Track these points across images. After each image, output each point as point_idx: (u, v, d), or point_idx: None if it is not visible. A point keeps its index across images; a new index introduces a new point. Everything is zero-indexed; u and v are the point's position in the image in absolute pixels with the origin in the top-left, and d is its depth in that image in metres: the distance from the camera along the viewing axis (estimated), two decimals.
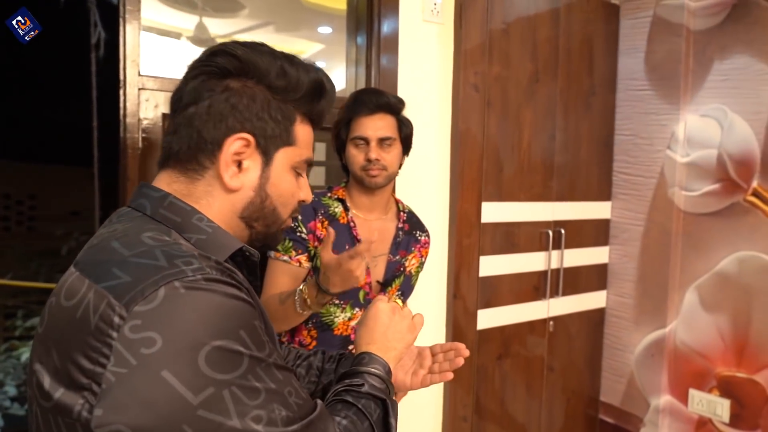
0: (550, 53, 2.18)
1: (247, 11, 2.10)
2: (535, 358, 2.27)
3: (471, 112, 1.99)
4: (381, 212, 1.48)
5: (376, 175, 1.38)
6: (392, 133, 1.40)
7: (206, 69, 0.69)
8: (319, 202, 1.42)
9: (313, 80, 0.74)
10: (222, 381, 0.53)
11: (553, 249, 2.26)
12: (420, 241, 1.53)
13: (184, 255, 0.59)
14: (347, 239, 1.40)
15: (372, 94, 1.42)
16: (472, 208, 2.02)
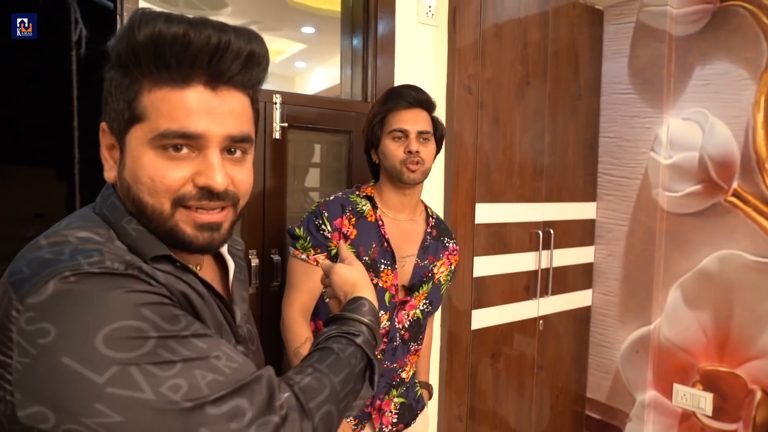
0: (539, 56, 2.22)
1: (230, 9, 2.08)
2: (526, 356, 2.31)
3: (465, 114, 2.01)
4: (410, 213, 1.47)
5: (415, 169, 1.36)
6: (430, 128, 1.41)
7: (104, 62, 0.65)
8: (347, 199, 1.40)
9: (151, 34, 0.58)
10: (126, 359, 0.53)
11: (543, 249, 2.30)
12: (448, 248, 1.52)
13: (89, 249, 0.58)
14: (375, 237, 1.38)
15: (410, 89, 1.42)
16: (466, 209, 2.04)
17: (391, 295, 1.38)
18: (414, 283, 1.42)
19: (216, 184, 0.61)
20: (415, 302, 1.43)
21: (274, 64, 2.49)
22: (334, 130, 1.79)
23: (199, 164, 0.62)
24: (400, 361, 1.43)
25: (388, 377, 1.42)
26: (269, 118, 1.64)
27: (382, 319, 1.37)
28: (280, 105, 1.65)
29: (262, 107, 1.63)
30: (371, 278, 1.32)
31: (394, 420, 1.44)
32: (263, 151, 1.64)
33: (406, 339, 1.43)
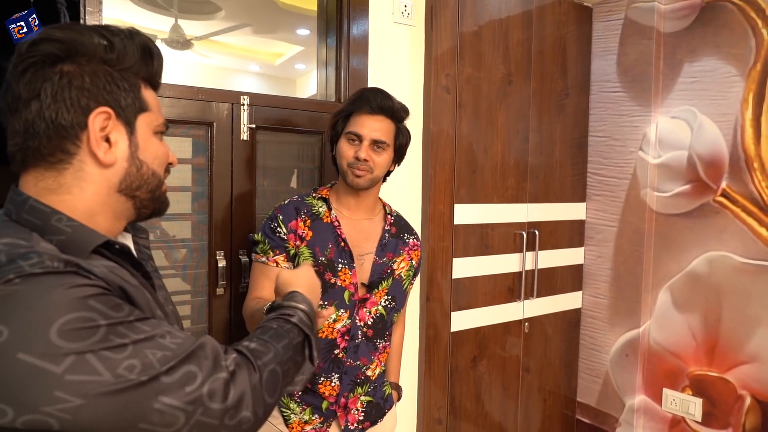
0: (522, 55, 2.19)
1: (223, 13, 2.09)
2: (511, 359, 2.27)
3: (442, 113, 1.99)
4: (367, 213, 1.47)
5: (360, 175, 1.37)
6: (387, 138, 1.38)
7: (33, 60, 0.68)
8: (302, 202, 1.42)
9: (139, 45, 0.75)
10: (82, 348, 0.58)
11: (528, 250, 2.26)
12: (408, 243, 1.52)
13: (25, 252, 0.61)
14: (331, 238, 1.39)
15: (378, 94, 1.40)
16: (444, 209, 2.02)
17: (350, 293, 1.39)
18: (373, 280, 1.43)
19: (175, 161, 0.84)
20: (376, 299, 1.44)
21: (275, 67, 2.50)
22: (305, 131, 1.79)
23: (167, 148, 0.81)
24: (364, 359, 1.43)
25: (351, 375, 1.42)
26: (236, 119, 1.65)
27: (341, 318, 1.38)
28: (247, 106, 1.66)
29: (230, 108, 1.64)
30: (329, 278, 1.35)
31: (360, 417, 1.45)
32: (230, 152, 1.65)
33: (369, 336, 1.43)
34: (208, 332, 1.65)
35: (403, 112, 1.43)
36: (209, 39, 2.17)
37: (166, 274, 1.62)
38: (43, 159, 0.69)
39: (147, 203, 0.78)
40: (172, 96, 1.55)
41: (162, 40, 1.95)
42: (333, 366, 1.39)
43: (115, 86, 0.72)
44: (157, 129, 0.78)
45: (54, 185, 0.70)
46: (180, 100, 1.57)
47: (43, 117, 0.68)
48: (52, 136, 0.68)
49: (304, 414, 1.39)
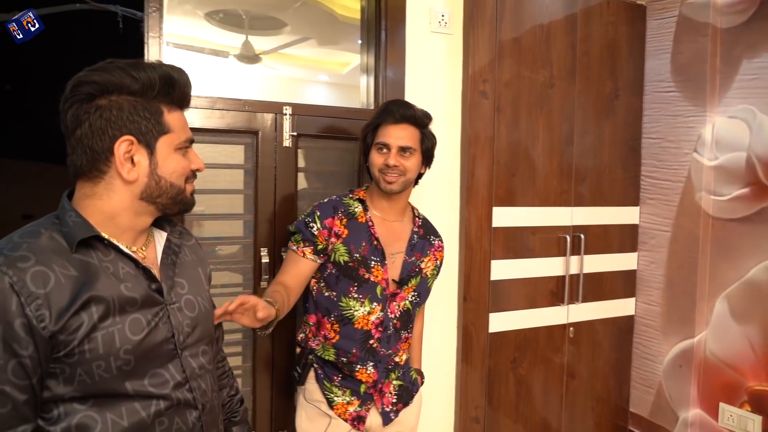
0: (566, 58, 2.18)
1: (289, 28, 2.26)
2: (555, 363, 2.26)
3: (480, 118, 2.03)
4: (398, 215, 1.59)
5: (392, 181, 1.49)
6: (413, 144, 1.51)
7: (76, 98, 0.87)
8: (340, 201, 1.55)
9: (161, 75, 0.90)
10: None
11: (573, 254, 2.24)
12: (434, 245, 1.64)
13: (4, 251, 0.82)
14: (365, 236, 1.52)
15: (400, 106, 1.53)
16: (482, 212, 2.06)
17: (382, 288, 1.51)
18: (403, 277, 1.55)
19: (202, 167, 1.00)
20: (405, 294, 1.56)
21: (342, 75, 2.67)
22: (343, 137, 1.91)
23: (192, 158, 0.98)
24: (393, 348, 1.56)
25: (384, 362, 1.55)
26: (280, 127, 1.80)
27: (375, 310, 1.50)
28: (290, 116, 1.81)
29: (274, 118, 1.80)
30: (363, 273, 1.48)
31: (393, 400, 1.59)
32: (274, 158, 1.80)
33: (398, 327, 1.56)
34: None
35: (426, 118, 1.55)
36: (277, 52, 2.35)
37: (221, 268, 1.80)
38: (84, 174, 0.89)
39: (169, 206, 0.96)
40: (222, 108, 1.73)
41: (234, 56, 2.14)
42: (368, 355, 1.52)
43: (138, 116, 0.89)
44: (179, 146, 0.94)
45: (90, 192, 0.90)
46: (229, 111, 1.74)
47: (82, 143, 0.87)
48: (90, 158, 0.88)
49: (345, 396, 1.52)
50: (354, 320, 1.50)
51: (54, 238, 0.85)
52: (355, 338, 1.50)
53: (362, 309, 1.50)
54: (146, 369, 0.90)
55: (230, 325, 1.87)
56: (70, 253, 0.85)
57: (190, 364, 0.98)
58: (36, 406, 0.82)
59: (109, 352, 0.85)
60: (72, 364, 0.83)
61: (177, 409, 0.94)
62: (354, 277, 1.50)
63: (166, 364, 0.93)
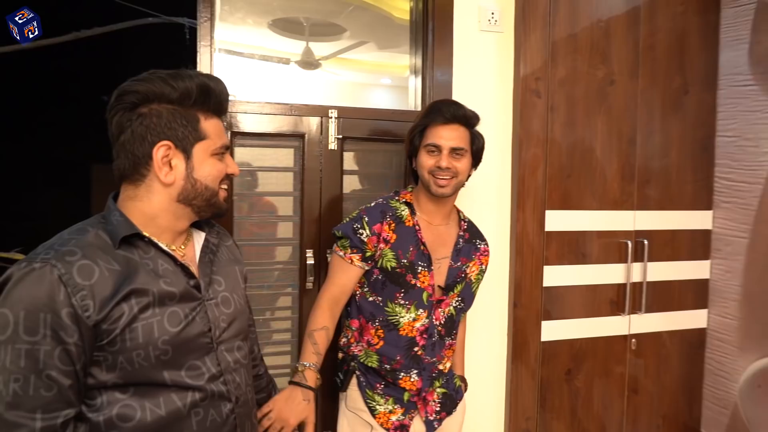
0: (627, 53, 2.05)
1: (348, 33, 2.30)
2: (615, 376, 2.13)
3: (532, 118, 1.96)
4: (444, 219, 1.55)
5: (444, 184, 1.45)
6: (464, 145, 1.47)
7: (120, 107, 0.93)
8: (388, 205, 1.51)
9: (198, 85, 0.96)
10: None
11: (635, 261, 2.10)
12: (480, 249, 1.60)
13: (50, 245, 0.89)
14: (412, 241, 1.48)
15: (450, 105, 1.49)
16: (534, 216, 1.98)
17: (428, 294, 1.48)
18: (449, 283, 1.51)
19: (237, 173, 1.06)
20: (450, 300, 1.52)
21: (404, 78, 2.69)
22: (389, 139, 1.91)
23: (228, 163, 1.04)
24: (438, 356, 1.52)
25: (429, 370, 1.51)
26: (325, 130, 1.82)
27: (420, 317, 1.47)
28: (335, 119, 1.82)
29: (320, 121, 1.82)
30: (410, 279, 1.45)
31: (437, 409, 1.54)
32: (320, 160, 1.82)
33: (442, 334, 1.52)
34: (299, 321, 1.84)
35: (475, 118, 1.51)
36: (337, 57, 2.39)
37: (273, 268, 1.85)
38: (127, 177, 0.96)
39: (204, 208, 1.02)
40: (270, 113, 1.78)
41: (295, 62, 2.19)
42: (412, 363, 1.48)
43: (176, 123, 0.95)
44: (215, 151, 1.00)
45: (132, 194, 0.97)
46: (276, 115, 1.78)
47: (125, 148, 0.94)
48: (132, 163, 0.94)
49: (388, 404, 1.49)
50: (399, 326, 1.47)
51: (100, 235, 0.92)
52: (399, 345, 1.47)
53: (408, 315, 1.47)
54: (183, 360, 0.95)
55: (280, 324, 1.92)
56: (113, 249, 0.91)
57: (226, 358, 1.02)
58: (79, 391, 0.88)
59: (148, 342, 0.90)
60: (114, 352, 0.88)
61: (212, 401, 0.98)
62: (401, 283, 1.46)
63: (202, 357, 0.98)
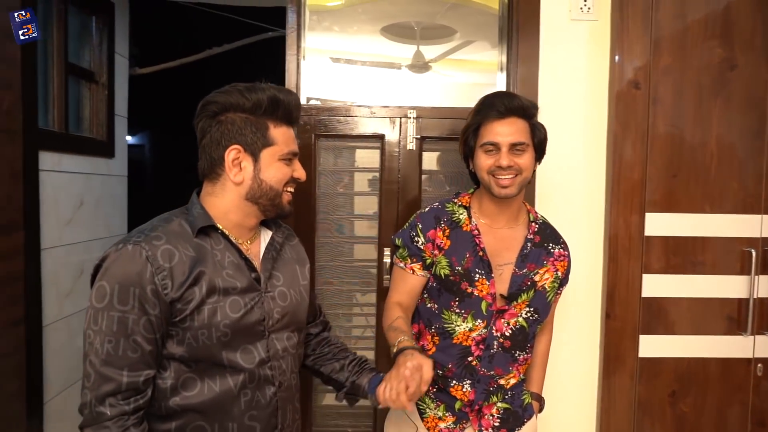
0: (754, 32, 1.77)
1: (459, 34, 2.31)
2: (734, 405, 1.85)
3: (630, 112, 1.78)
4: (509, 221, 1.43)
5: (507, 184, 1.33)
6: (525, 138, 1.34)
7: (204, 114, 1.07)
8: (443, 210, 1.43)
9: (268, 97, 1.06)
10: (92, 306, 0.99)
11: (763, 274, 1.81)
12: (553, 254, 1.44)
13: (142, 230, 1.03)
14: (469, 247, 1.38)
15: (503, 97, 1.37)
16: (631, 218, 1.80)
17: (488, 303, 1.37)
18: (512, 291, 1.38)
19: (303, 177, 1.14)
20: (516, 310, 1.39)
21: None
22: None
23: (296, 167, 1.13)
24: (499, 369, 1.41)
25: (484, 383, 1.40)
26: (404, 131, 1.84)
27: (477, 327, 1.37)
28: (413, 119, 1.84)
29: (398, 122, 1.85)
30: (465, 287, 1.38)
31: (495, 424, 1.42)
32: (398, 161, 1.85)
33: (507, 347, 1.40)
34: (375, 318, 1.89)
35: (533, 108, 1.38)
36: (448, 59, 2.41)
37: (360, 265, 1.92)
38: (206, 176, 1.10)
39: (268, 207, 1.11)
40: (352, 115, 1.85)
41: (405, 67, 2.24)
42: (465, 372, 1.39)
43: (246, 129, 1.06)
44: (282, 156, 1.09)
45: (210, 191, 1.10)
46: (357, 118, 1.85)
47: (206, 151, 1.08)
48: (210, 163, 1.09)
49: (438, 410, 1.42)
50: (454, 335, 1.39)
51: (182, 225, 1.06)
52: (451, 353, 1.39)
53: (464, 325, 1.37)
54: (239, 343, 1.06)
55: (359, 320, 1.98)
56: (192, 238, 1.05)
57: (275, 345, 1.12)
58: (157, 357, 1.02)
59: (211, 324, 1.02)
60: (184, 329, 1.02)
61: (258, 383, 1.08)
62: (455, 291, 1.37)
63: (255, 342, 1.08)
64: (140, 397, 0.99)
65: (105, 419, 0.95)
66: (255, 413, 1.08)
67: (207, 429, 1.04)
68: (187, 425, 1.04)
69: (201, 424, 1.04)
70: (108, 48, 2.74)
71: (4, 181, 1.82)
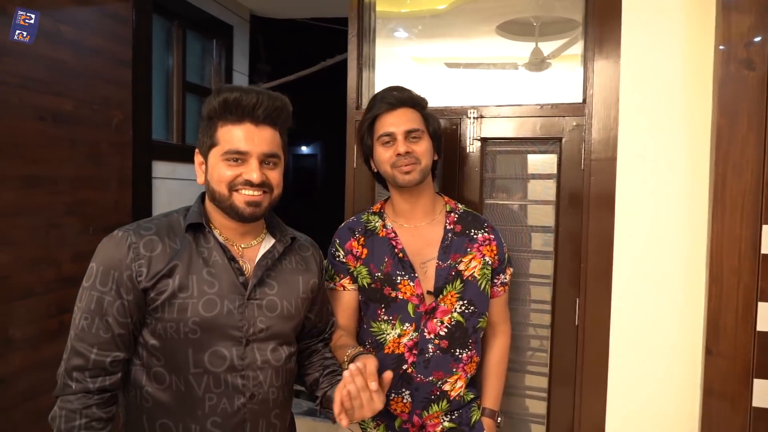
0: None
1: (581, 28, 2.12)
2: None
3: (740, 100, 1.43)
4: (426, 216, 1.41)
5: (409, 170, 1.32)
6: (418, 125, 1.36)
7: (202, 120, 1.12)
8: (357, 221, 1.44)
9: (219, 101, 1.06)
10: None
11: None
12: (477, 239, 1.40)
13: (141, 221, 1.10)
14: (387, 251, 1.37)
15: (392, 90, 1.40)
16: (741, 232, 1.44)
17: (414, 305, 1.35)
18: (438, 286, 1.35)
19: (252, 179, 1.06)
20: (448, 306, 1.35)
21: None
22: (538, 138, 1.66)
23: (247, 169, 1.07)
24: (438, 373, 1.35)
25: (424, 391, 1.34)
26: (463, 133, 1.71)
27: (407, 331, 1.34)
28: (474, 119, 1.69)
29: (458, 122, 1.72)
30: (389, 292, 1.34)
31: None
32: (456, 165, 1.72)
33: (445, 347, 1.35)
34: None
35: (422, 100, 1.41)
36: (569, 55, 2.22)
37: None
38: None
39: (226, 209, 1.09)
40: None
41: (522, 66, 2.09)
42: (401, 382, 1.34)
43: (202, 133, 1.10)
44: (224, 156, 1.06)
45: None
46: None
47: None
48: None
49: (378, 430, 1.39)
50: (385, 345, 1.35)
51: (179, 219, 1.11)
52: (386, 364, 1.31)
53: (393, 332, 1.35)
54: (209, 344, 1.06)
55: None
56: (183, 232, 1.08)
57: (254, 355, 1.09)
58: (128, 342, 1.06)
59: (180, 318, 1.04)
60: (156, 319, 1.05)
61: (226, 390, 1.06)
62: (379, 298, 1.35)
63: (229, 348, 1.07)
64: (107, 378, 1.02)
65: (69, 392, 1.00)
66: (218, 420, 1.06)
67: (172, 427, 1.05)
68: (156, 419, 1.06)
69: (166, 421, 1.05)
70: (226, 66, 3.02)
71: (113, 188, 2.09)
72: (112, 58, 2.03)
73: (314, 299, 1.23)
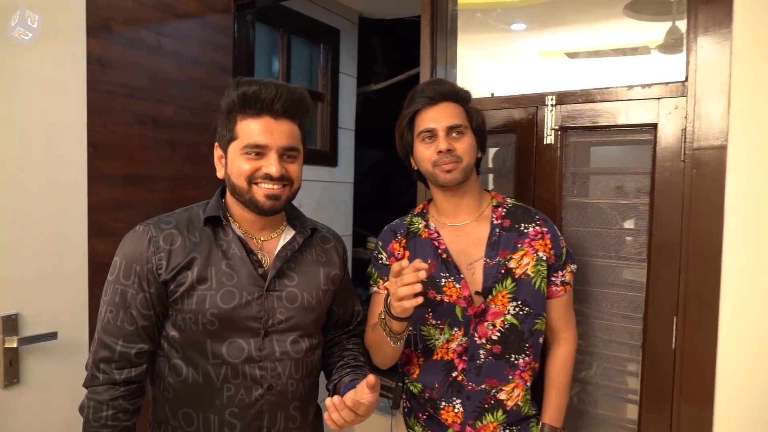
0: None
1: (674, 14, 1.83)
2: None
3: None
4: (471, 214, 1.32)
5: (450, 169, 1.24)
6: (461, 121, 1.27)
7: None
8: (400, 223, 1.39)
9: (238, 94, 1.05)
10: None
11: None
12: (528, 234, 1.29)
13: (162, 216, 1.12)
14: (430, 252, 1.30)
15: (433, 84, 1.32)
16: None
17: (462, 308, 1.25)
18: (487, 286, 1.25)
19: (272, 172, 1.05)
20: (499, 308, 1.24)
21: None
22: (630, 127, 1.42)
23: (267, 163, 1.06)
24: (491, 380, 1.25)
25: (477, 399, 1.25)
26: (540, 122, 1.53)
27: (455, 336, 1.26)
28: (552, 107, 1.51)
29: (534, 111, 1.54)
30: (434, 296, 1.27)
31: None
32: (532, 159, 1.54)
33: (498, 353, 1.25)
34: None
35: (465, 93, 1.32)
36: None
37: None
38: None
39: (246, 203, 1.09)
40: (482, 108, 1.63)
41: (655, 48, 1.83)
42: (452, 390, 1.25)
43: (222, 126, 1.11)
44: (243, 150, 1.06)
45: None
46: (486, 111, 1.62)
47: None
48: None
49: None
50: (434, 351, 1.28)
51: (198, 214, 1.13)
52: (435, 371, 1.27)
53: (442, 337, 1.26)
54: (227, 336, 1.07)
55: None
56: (202, 226, 1.11)
57: (273, 346, 1.09)
58: (152, 334, 1.10)
59: (198, 310, 1.06)
60: (177, 311, 1.08)
61: (243, 381, 1.07)
62: (425, 302, 1.19)
63: (248, 339, 1.07)
64: (132, 369, 1.05)
65: (97, 383, 1.05)
66: (236, 411, 1.06)
67: (193, 416, 1.07)
68: (178, 409, 1.08)
69: (188, 411, 1.07)
70: (332, 69, 3.08)
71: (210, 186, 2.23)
72: (213, 65, 2.16)
73: (336, 291, 1.22)
